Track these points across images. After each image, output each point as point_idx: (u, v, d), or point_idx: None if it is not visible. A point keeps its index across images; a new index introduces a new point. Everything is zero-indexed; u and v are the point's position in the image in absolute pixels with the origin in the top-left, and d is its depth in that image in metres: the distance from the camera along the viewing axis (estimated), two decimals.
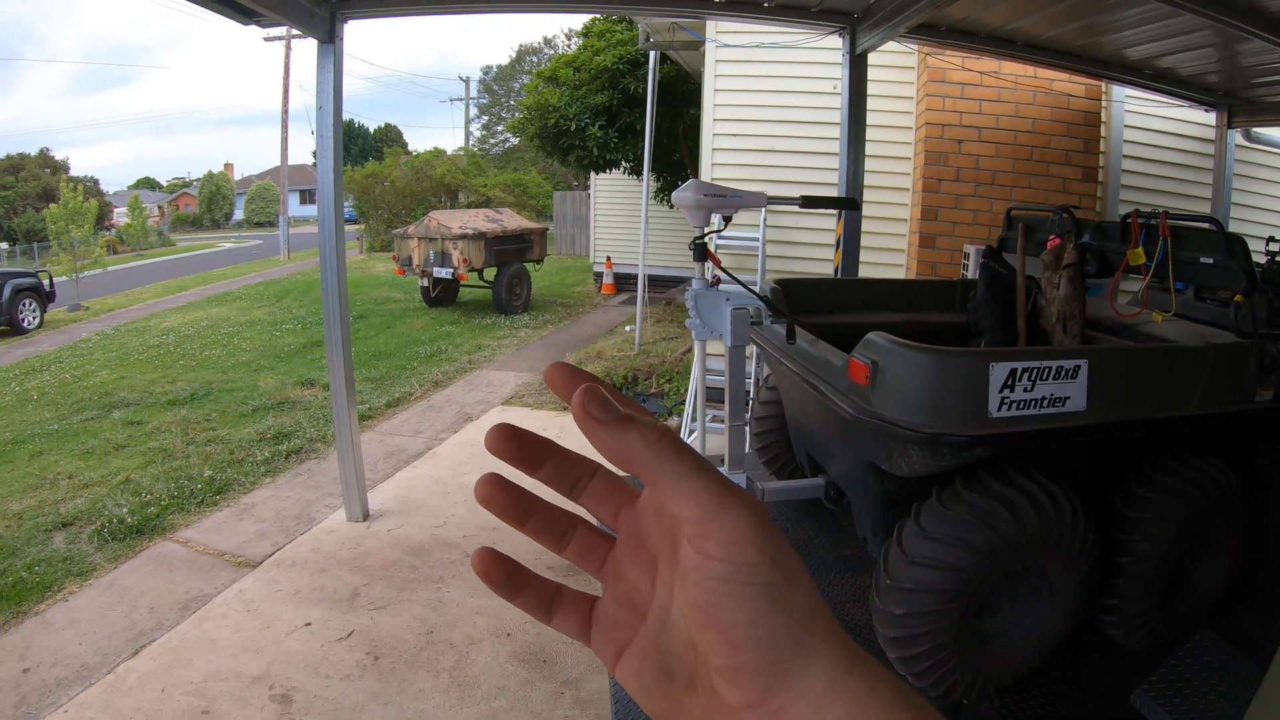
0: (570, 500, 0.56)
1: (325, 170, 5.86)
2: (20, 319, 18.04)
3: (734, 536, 0.45)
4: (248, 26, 5.74)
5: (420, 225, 17.03)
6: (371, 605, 5.23)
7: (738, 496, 0.46)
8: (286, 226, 35.64)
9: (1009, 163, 7.19)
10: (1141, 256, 3.97)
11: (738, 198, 3.73)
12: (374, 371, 12.05)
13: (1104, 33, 5.88)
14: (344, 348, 6.10)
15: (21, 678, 4.70)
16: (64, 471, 8.34)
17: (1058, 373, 2.82)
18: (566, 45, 43.11)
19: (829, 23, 6.07)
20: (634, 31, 13.91)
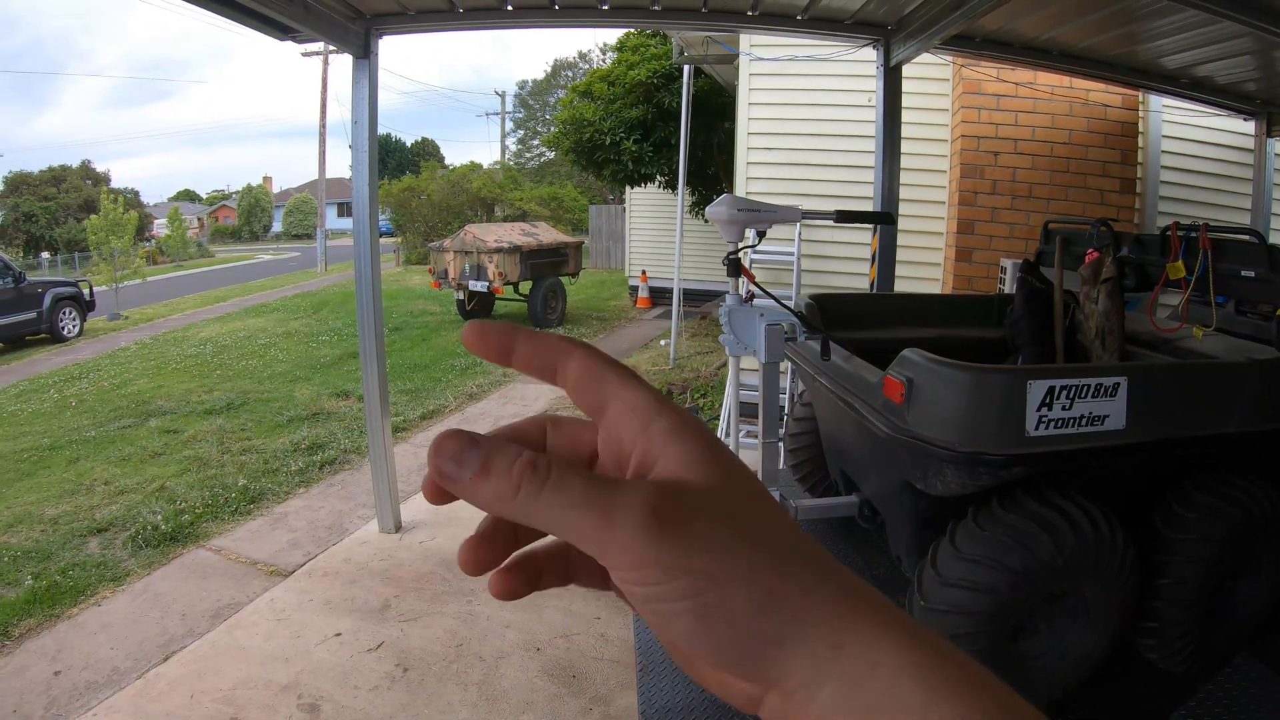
0: (557, 386, 0.50)
1: (361, 184, 5.88)
2: (60, 327, 18.27)
3: (631, 561, 0.40)
4: (284, 42, 5.78)
5: (456, 239, 17.08)
6: (402, 617, 5.22)
7: (619, 493, 0.41)
8: (324, 239, 35.88)
9: (1046, 175, 7.13)
10: (1181, 270, 3.92)
11: (771, 213, 3.71)
12: (409, 383, 12.07)
13: (1140, 41, 5.82)
14: (379, 360, 6.11)
15: (52, 680, 4.73)
16: (100, 478, 8.40)
17: (1096, 390, 2.78)
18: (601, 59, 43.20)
19: (863, 35, 6.04)
20: (668, 45, 13.93)
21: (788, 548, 0.41)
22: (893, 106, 6.10)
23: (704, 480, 0.42)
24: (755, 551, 0.40)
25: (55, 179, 49.67)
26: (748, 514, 0.41)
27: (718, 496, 0.41)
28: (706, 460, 0.42)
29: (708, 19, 6.02)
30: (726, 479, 0.42)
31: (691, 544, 0.39)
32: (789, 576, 0.40)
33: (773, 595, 0.39)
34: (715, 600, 0.39)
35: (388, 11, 5.66)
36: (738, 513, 0.41)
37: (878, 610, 0.40)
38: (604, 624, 5.02)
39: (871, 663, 0.38)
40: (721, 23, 6.20)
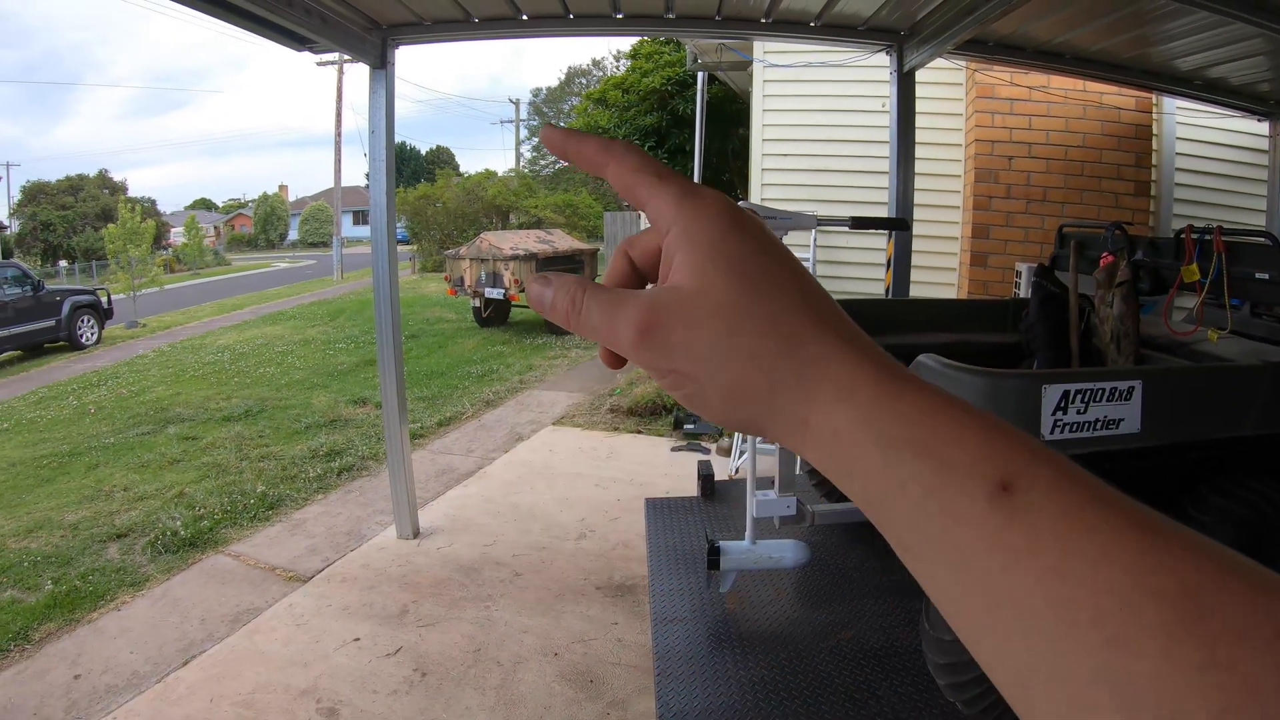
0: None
1: (378, 192, 5.92)
2: (79, 335, 18.46)
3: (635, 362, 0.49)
4: (301, 53, 5.83)
5: (472, 246, 17.14)
6: (420, 622, 5.24)
7: (621, 310, 0.49)
8: (340, 247, 36.04)
9: (1060, 178, 7.13)
10: (1196, 273, 3.92)
11: (787, 219, 3.72)
12: (426, 390, 12.12)
13: (1153, 44, 5.83)
14: (396, 367, 6.15)
15: (72, 684, 4.77)
16: (119, 484, 8.47)
17: (1111, 394, 2.78)
18: (615, 67, 43.29)
19: (876, 41, 6.05)
20: (682, 53, 13.96)
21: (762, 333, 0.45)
22: (906, 112, 6.11)
23: (696, 285, 0.46)
24: (723, 352, 0.45)
25: (73, 188, 50.01)
26: (727, 317, 0.46)
27: (703, 305, 0.46)
28: (703, 265, 0.47)
29: (721, 26, 6.04)
30: (719, 280, 0.46)
31: (669, 351, 0.46)
32: (754, 368, 0.45)
33: (738, 387, 0.45)
34: (694, 392, 0.47)
35: (404, 22, 5.70)
36: (715, 317, 0.46)
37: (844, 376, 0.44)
38: (621, 629, 5.04)
39: (833, 432, 0.43)
40: (735, 30, 6.22)
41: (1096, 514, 0.37)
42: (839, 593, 3.94)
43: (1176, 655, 0.32)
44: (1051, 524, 0.36)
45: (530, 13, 5.70)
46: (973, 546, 0.38)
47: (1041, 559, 0.36)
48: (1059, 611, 0.35)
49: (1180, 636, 0.32)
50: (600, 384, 12.17)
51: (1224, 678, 0.31)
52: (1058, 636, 0.34)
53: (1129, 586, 0.34)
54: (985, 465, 0.39)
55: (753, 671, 3.36)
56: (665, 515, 4.87)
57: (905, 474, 0.40)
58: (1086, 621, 0.34)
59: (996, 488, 0.38)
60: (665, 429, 9.51)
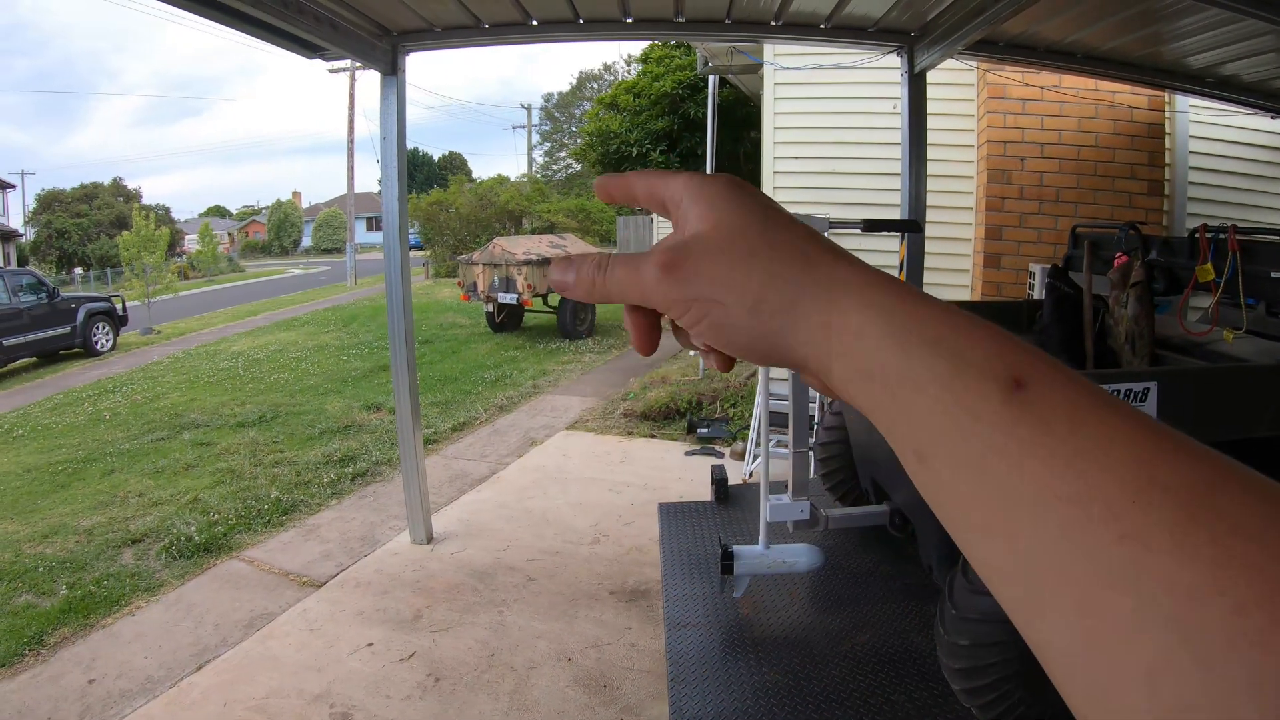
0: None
1: (390, 198, 5.93)
2: (94, 342, 18.57)
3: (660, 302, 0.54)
4: (312, 60, 5.84)
5: (485, 251, 17.15)
6: (433, 627, 5.24)
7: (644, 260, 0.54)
8: (353, 253, 36.15)
9: (1073, 178, 7.10)
10: (1210, 272, 3.90)
11: None
12: (439, 396, 12.14)
13: (1164, 42, 5.80)
14: (409, 372, 6.15)
15: (87, 688, 4.79)
16: (134, 490, 8.50)
17: (1126, 396, 2.76)
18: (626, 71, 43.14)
19: (886, 42, 6.04)
20: (692, 57, 13.98)
21: (780, 258, 0.49)
22: (918, 113, 6.10)
23: (709, 228, 0.51)
24: (744, 272, 0.49)
25: (87, 196, 50.32)
26: (743, 242, 0.50)
27: (718, 237, 0.51)
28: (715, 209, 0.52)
29: (731, 30, 6.04)
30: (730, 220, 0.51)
31: (691, 280, 0.51)
32: (775, 285, 0.48)
33: (761, 302, 0.49)
34: (720, 315, 0.50)
35: (414, 29, 5.71)
36: (733, 244, 0.50)
37: (863, 288, 0.47)
38: (635, 634, 5.04)
39: (855, 332, 0.46)
40: (745, 33, 6.21)
41: (1106, 411, 0.38)
42: (853, 597, 3.92)
43: (1189, 550, 0.32)
44: (1064, 418, 0.38)
45: (540, 18, 5.70)
46: (988, 441, 0.39)
47: (1054, 452, 0.37)
48: (1071, 507, 0.35)
49: (1192, 531, 0.33)
50: (613, 388, 12.18)
51: (1238, 574, 0.31)
52: (1070, 531, 0.35)
53: (1141, 481, 0.35)
54: (998, 363, 0.41)
55: (766, 677, 3.35)
56: (679, 520, 4.85)
57: (923, 371, 0.43)
58: (1099, 516, 0.34)
59: (1010, 383, 0.40)
60: (679, 433, 9.51)
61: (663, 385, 11.31)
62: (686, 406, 10.10)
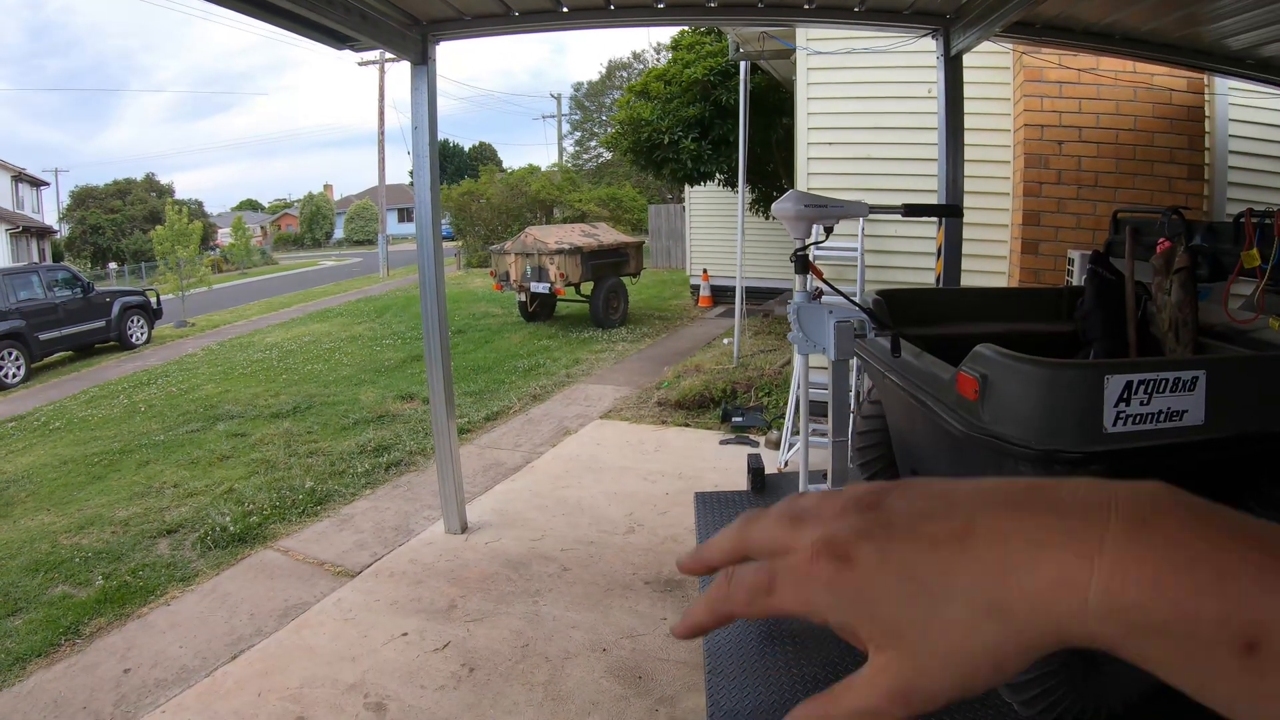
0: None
1: (422, 188, 5.92)
2: (129, 335, 18.82)
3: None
4: (341, 51, 5.83)
5: (517, 241, 17.15)
6: (468, 617, 5.24)
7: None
8: (385, 244, 36.29)
9: (1112, 163, 7.01)
10: (1256, 258, 3.83)
11: (839, 208, 3.67)
12: (473, 385, 12.15)
13: (1203, 22, 5.70)
14: (443, 362, 6.15)
15: (122, 678, 4.82)
16: (169, 480, 8.57)
17: (1175, 384, 2.71)
18: (656, 59, 43.15)
19: (921, 25, 5.97)
20: (723, 43, 13.89)
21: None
22: (955, 97, 6.02)
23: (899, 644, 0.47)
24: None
25: (120, 192, 50.70)
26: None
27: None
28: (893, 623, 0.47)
29: (764, 14, 5.98)
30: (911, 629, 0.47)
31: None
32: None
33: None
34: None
35: (444, 17, 5.69)
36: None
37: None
38: (670, 625, 5.00)
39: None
40: (778, 17, 6.16)
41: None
42: None
43: None
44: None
45: (571, 5, 5.66)
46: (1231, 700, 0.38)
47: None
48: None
49: None
50: (647, 377, 12.16)
51: None
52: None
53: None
54: (1228, 629, 0.38)
55: (805, 669, 3.32)
56: (715, 509, 4.83)
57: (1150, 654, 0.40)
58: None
59: (1243, 649, 0.38)
60: (713, 422, 9.47)
61: (696, 374, 11.27)
62: (721, 395, 10.06)
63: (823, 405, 3.91)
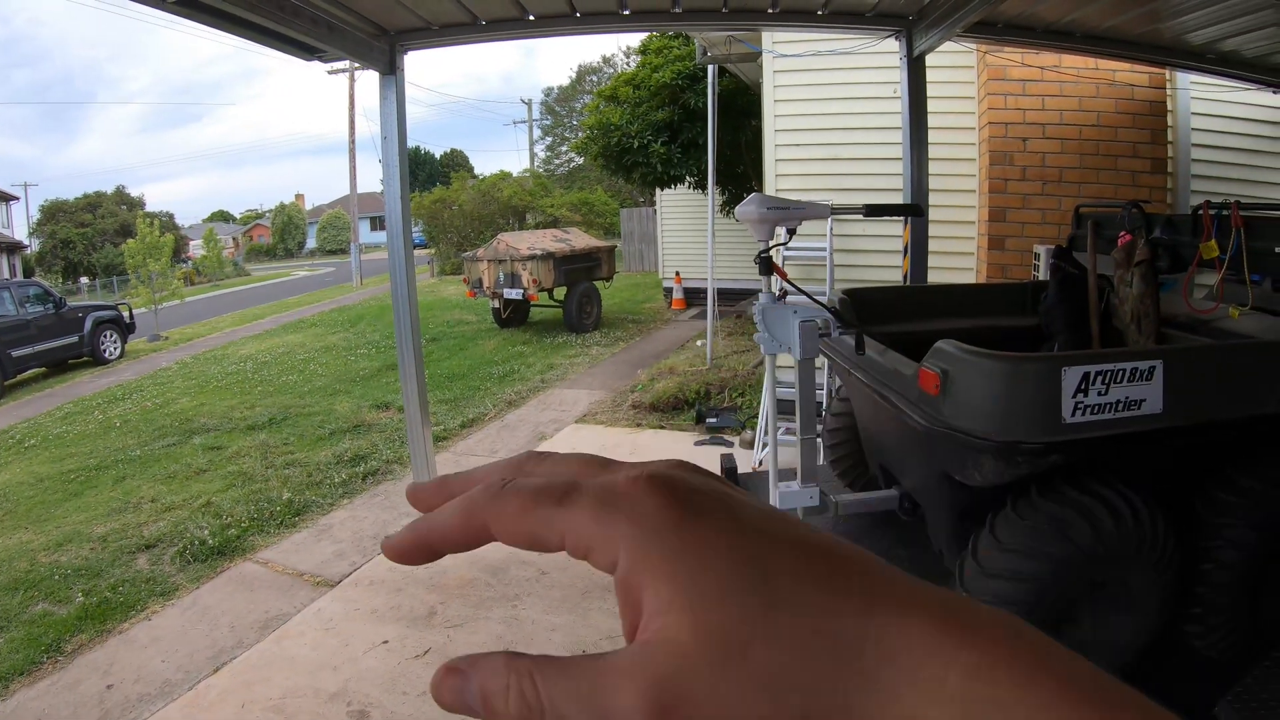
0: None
1: (392, 197, 5.94)
2: (102, 350, 18.66)
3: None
4: (310, 62, 5.85)
5: (489, 248, 17.16)
6: (448, 623, 5.26)
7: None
8: (358, 253, 36.12)
9: (1075, 158, 7.07)
10: (1215, 249, 3.89)
11: (800, 209, 3.70)
12: (448, 393, 12.15)
13: (1163, 19, 5.78)
14: (417, 370, 6.17)
15: (105, 693, 4.83)
16: (146, 495, 8.54)
17: (1132, 374, 2.76)
18: (625, 64, 43.24)
19: (884, 27, 6.03)
20: (691, 47, 13.93)
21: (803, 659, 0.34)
22: (918, 97, 6.09)
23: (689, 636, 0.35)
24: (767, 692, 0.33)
25: (90, 205, 50.38)
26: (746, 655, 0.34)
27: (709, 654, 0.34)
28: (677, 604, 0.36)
29: (729, 18, 6.03)
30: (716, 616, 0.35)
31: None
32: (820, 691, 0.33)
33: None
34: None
35: (412, 27, 5.72)
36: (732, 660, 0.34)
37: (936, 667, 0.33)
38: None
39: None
40: (742, 21, 6.21)
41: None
42: None
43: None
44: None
45: (537, 13, 5.70)
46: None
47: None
48: None
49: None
50: (622, 381, 12.18)
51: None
52: None
53: None
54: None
55: None
56: None
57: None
58: None
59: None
60: (688, 424, 9.51)
61: (670, 376, 11.31)
62: (695, 397, 10.10)
63: (793, 404, 3.95)
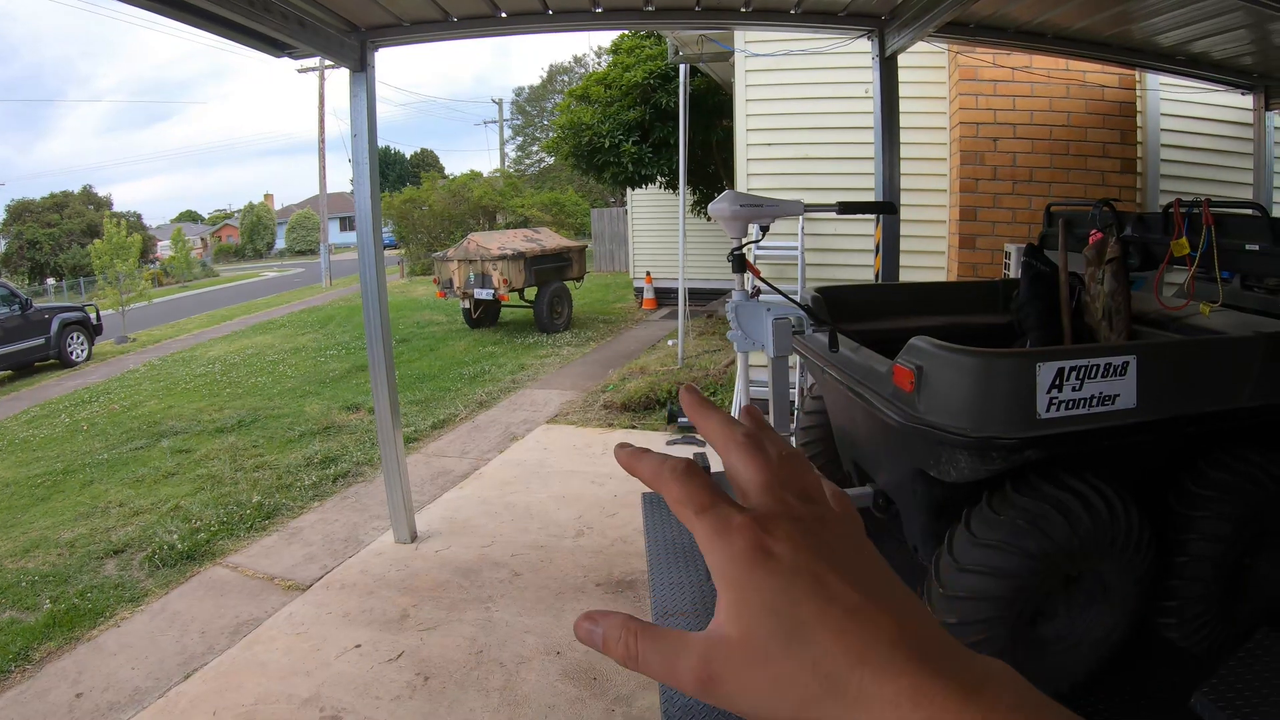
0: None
1: (362, 196, 5.90)
2: (69, 352, 18.46)
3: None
4: (280, 59, 5.80)
5: (459, 248, 17.12)
6: (420, 626, 5.23)
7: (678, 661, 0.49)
8: (327, 254, 35.97)
9: (1046, 158, 7.13)
10: (1185, 247, 3.91)
11: (773, 206, 3.70)
12: (418, 394, 12.09)
13: (1134, 20, 5.82)
14: (387, 371, 6.13)
15: (75, 703, 4.76)
16: (114, 500, 8.44)
17: (1106, 370, 2.77)
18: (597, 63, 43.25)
19: (857, 26, 6.04)
20: (663, 46, 13.96)
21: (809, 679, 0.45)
22: (890, 96, 6.10)
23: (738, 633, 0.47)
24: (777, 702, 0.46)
25: (57, 205, 49.92)
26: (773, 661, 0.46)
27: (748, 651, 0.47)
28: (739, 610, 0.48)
29: (701, 17, 6.03)
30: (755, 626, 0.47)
31: (731, 699, 0.47)
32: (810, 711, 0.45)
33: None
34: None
35: (383, 24, 5.68)
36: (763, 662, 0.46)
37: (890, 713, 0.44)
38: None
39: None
40: (715, 20, 6.20)
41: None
42: None
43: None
44: None
45: (509, 10, 5.68)
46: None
47: None
48: None
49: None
50: (593, 381, 12.18)
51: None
52: None
53: None
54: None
55: None
56: (663, 509, 4.85)
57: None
58: None
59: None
60: (659, 423, 9.51)
61: (641, 376, 11.31)
62: (666, 396, 10.11)
63: (766, 403, 3.95)
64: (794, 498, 0.54)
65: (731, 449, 0.57)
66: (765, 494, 0.54)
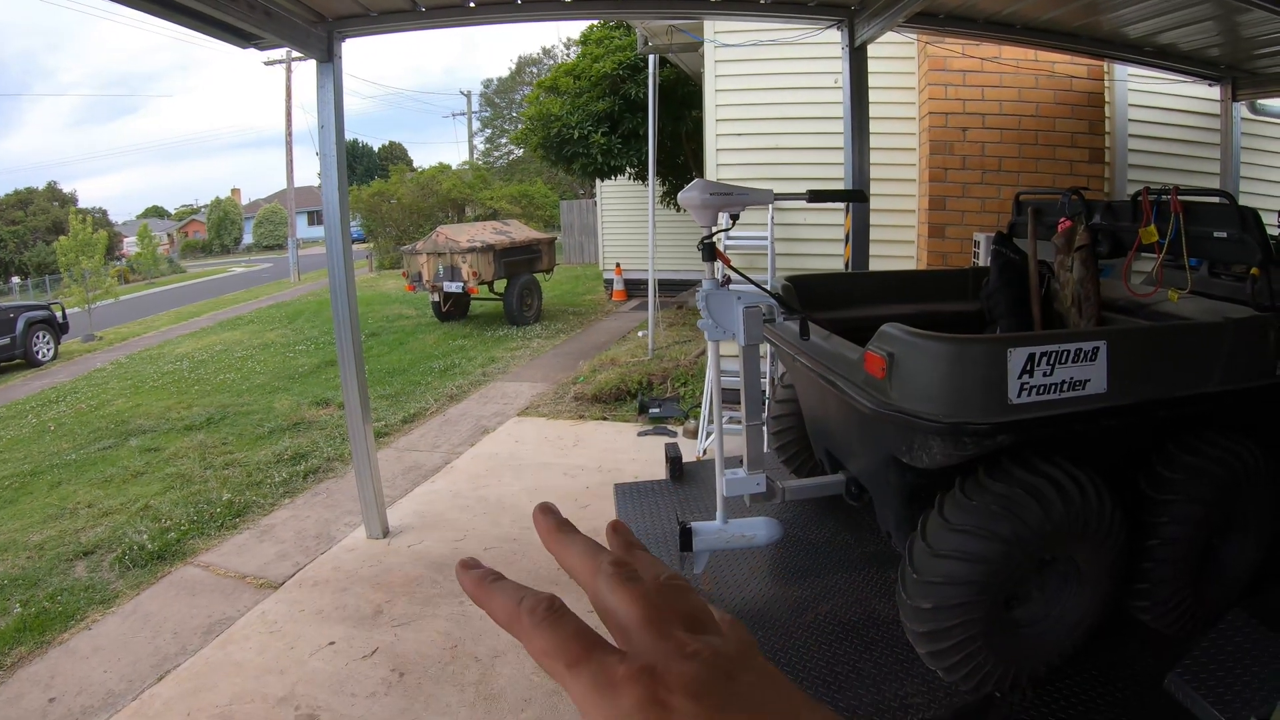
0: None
1: (330, 188, 5.85)
2: (35, 351, 18.19)
3: None
4: (246, 50, 5.75)
5: (428, 241, 17.03)
6: (394, 622, 5.21)
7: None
8: (295, 248, 35.77)
9: (1015, 148, 7.16)
10: (1154, 234, 3.93)
11: (744, 195, 3.69)
12: (389, 388, 12.05)
13: (1102, 12, 5.85)
14: (357, 366, 6.10)
15: (48, 707, 4.71)
16: (83, 501, 8.35)
17: (1076, 355, 2.79)
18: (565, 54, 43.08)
19: (826, 16, 6.04)
20: (632, 37, 13.91)
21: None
22: (860, 86, 6.11)
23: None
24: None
25: (21, 202, 49.44)
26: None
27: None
28: None
29: (671, 6, 6.03)
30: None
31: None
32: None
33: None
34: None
35: (350, 14, 5.64)
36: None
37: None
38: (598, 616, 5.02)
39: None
40: (685, 9, 6.21)
41: None
42: (814, 568, 3.94)
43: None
44: None
45: (478, 0, 5.65)
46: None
47: None
48: None
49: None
50: (563, 373, 12.16)
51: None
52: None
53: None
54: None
55: None
56: (635, 500, 4.85)
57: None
58: None
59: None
60: (630, 414, 9.51)
61: (612, 367, 11.31)
62: (637, 387, 10.11)
63: (736, 392, 3.95)
64: (681, 631, 0.49)
65: (600, 581, 0.53)
66: (647, 631, 0.49)
